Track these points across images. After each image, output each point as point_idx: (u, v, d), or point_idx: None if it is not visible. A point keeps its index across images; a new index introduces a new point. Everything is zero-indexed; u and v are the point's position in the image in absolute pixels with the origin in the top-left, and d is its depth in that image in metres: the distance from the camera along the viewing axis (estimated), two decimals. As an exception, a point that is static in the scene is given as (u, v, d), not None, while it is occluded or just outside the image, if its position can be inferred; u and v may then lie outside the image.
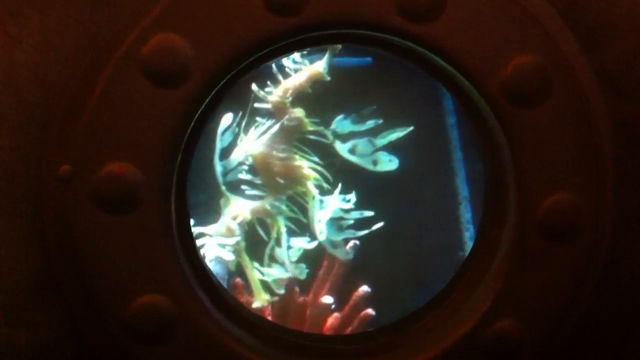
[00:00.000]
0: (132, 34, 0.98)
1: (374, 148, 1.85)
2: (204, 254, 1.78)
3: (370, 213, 1.84)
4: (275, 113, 1.79)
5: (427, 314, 1.17)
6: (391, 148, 1.93)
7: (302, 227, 1.87)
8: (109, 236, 1.01)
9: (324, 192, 1.86)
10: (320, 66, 1.74)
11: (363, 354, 1.16)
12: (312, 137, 1.83)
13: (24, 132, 1.02)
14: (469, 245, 2.08)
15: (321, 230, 1.84)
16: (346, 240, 1.88)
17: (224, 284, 1.82)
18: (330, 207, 1.85)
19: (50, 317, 1.06)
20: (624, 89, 1.09)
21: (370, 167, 1.86)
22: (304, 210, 1.86)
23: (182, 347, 1.04)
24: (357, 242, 1.91)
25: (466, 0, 1.01)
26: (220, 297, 1.12)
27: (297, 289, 1.91)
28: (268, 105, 1.77)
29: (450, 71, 1.06)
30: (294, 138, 1.80)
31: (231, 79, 1.04)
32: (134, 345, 1.03)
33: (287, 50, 1.09)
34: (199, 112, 1.02)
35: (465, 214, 2.11)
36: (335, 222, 1.86)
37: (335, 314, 1.93)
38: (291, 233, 1.87)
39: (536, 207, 1.06)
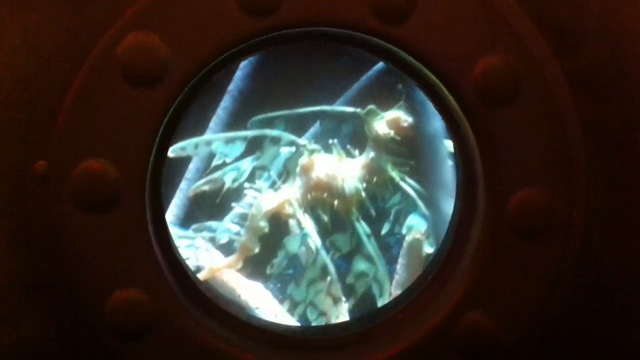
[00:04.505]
0: (108, 34, 1.00)
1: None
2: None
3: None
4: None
5: (399, 306, 1.20)
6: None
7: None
8: (87, 233, 1.02)
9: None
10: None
11: (337, 345, 1.19)
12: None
13: (6, 133, 1.03)
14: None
15: None
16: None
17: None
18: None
19: (34, 315, 1.07)
20: (595, 90, 1.11)
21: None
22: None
23: (160, 341, 1.06)
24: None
25: (437, 1, 1.02)
26: (196, 291, 1.14)
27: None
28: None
29: (423, 70, 1.08)
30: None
31: (205, 76, 1.06)
32: (114, 341, 1.05)
33: (261, 48, 1.10)
34: (173, 109, 1.04)
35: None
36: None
37: None
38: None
39: (504, 203, 1.08)
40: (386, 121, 1.94)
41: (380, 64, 2.00)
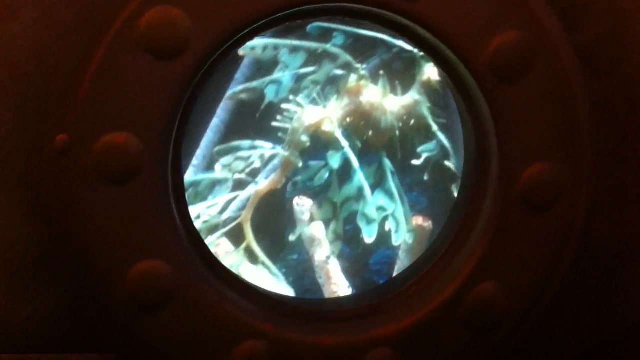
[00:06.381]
0: (130, 7, 1.01)
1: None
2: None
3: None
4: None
5: (411, 280, 1.22)
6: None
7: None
8: (109, 205, 1.04)
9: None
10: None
11: (351, 316, 1.21)
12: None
13: (24, 106, 1.04)
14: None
15: None
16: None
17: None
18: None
19: (50, 288, 1.08)
20: (599, 67, 1.13)
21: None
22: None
23: (181, 311, 1.08)
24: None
25: None
26: (215, 262, 1.17)
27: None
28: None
29: (439, 45, 1.10)
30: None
31: (227, 50, 1.07)
32: (134, 312, 1.07)
33: (282, 22, 1.12)
34: (195, 82, 1.06)
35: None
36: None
37: None
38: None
39: (517, 177, 1.10)
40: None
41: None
